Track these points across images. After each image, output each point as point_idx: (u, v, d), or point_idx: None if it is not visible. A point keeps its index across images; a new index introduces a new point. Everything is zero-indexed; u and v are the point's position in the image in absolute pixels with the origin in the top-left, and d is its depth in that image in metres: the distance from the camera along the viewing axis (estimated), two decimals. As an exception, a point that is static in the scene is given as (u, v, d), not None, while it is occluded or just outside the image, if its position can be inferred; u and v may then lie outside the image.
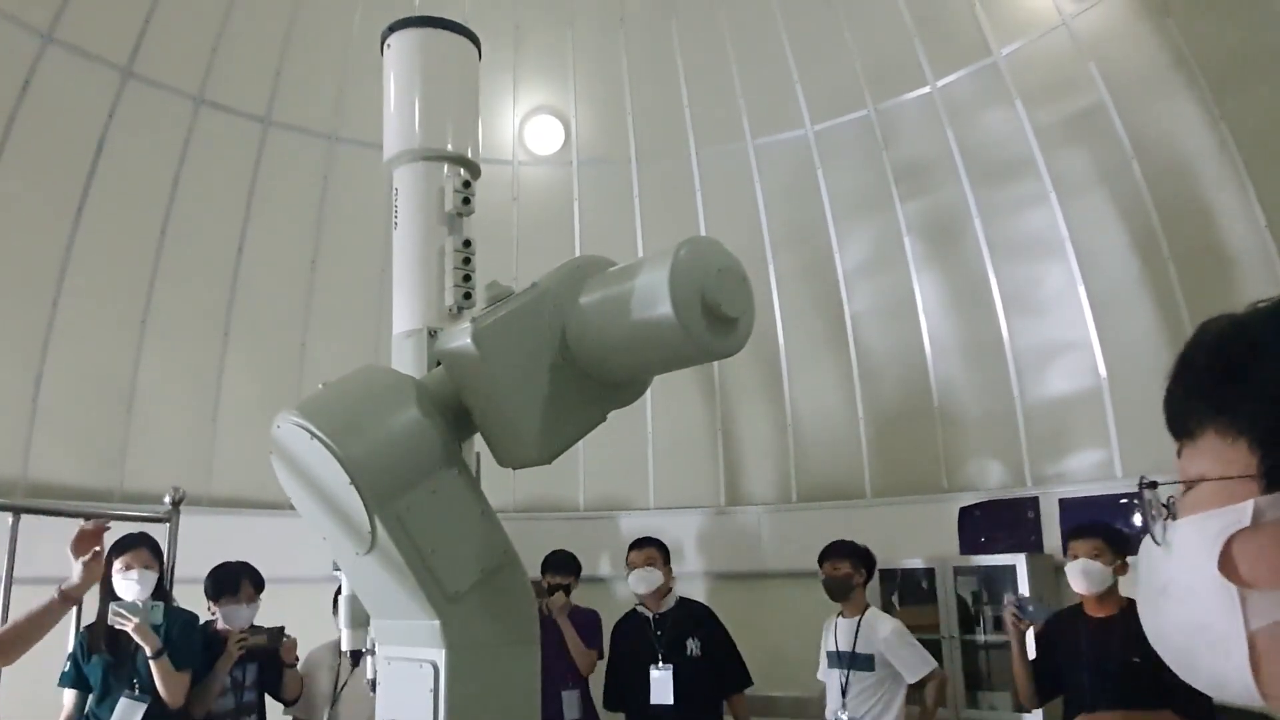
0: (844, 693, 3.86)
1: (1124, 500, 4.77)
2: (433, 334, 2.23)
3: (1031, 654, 3.45)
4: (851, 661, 3.88)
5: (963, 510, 5.21)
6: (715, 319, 1.86)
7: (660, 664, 3.90)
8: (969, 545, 5.10)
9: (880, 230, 5.69)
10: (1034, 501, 5.04)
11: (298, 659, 3.68)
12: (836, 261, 5.79)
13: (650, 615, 4.05)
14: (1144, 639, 2.56)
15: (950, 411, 5.48)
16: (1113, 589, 3.23)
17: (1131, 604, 3.22)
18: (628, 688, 4.03)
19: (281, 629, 3.62)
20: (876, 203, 5.65)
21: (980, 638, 4.70)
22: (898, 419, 5.63)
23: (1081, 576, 3.23)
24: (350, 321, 5.51)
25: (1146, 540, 0.68)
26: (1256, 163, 4.36)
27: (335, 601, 3.78)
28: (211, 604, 3.66)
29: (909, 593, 5.02)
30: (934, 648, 4.20)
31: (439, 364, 2.15)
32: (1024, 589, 4.57)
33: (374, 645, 2.22)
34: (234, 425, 5.30)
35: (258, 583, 3.72)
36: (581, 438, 2.11)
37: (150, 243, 5.16)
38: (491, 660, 1.94)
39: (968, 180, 5.33)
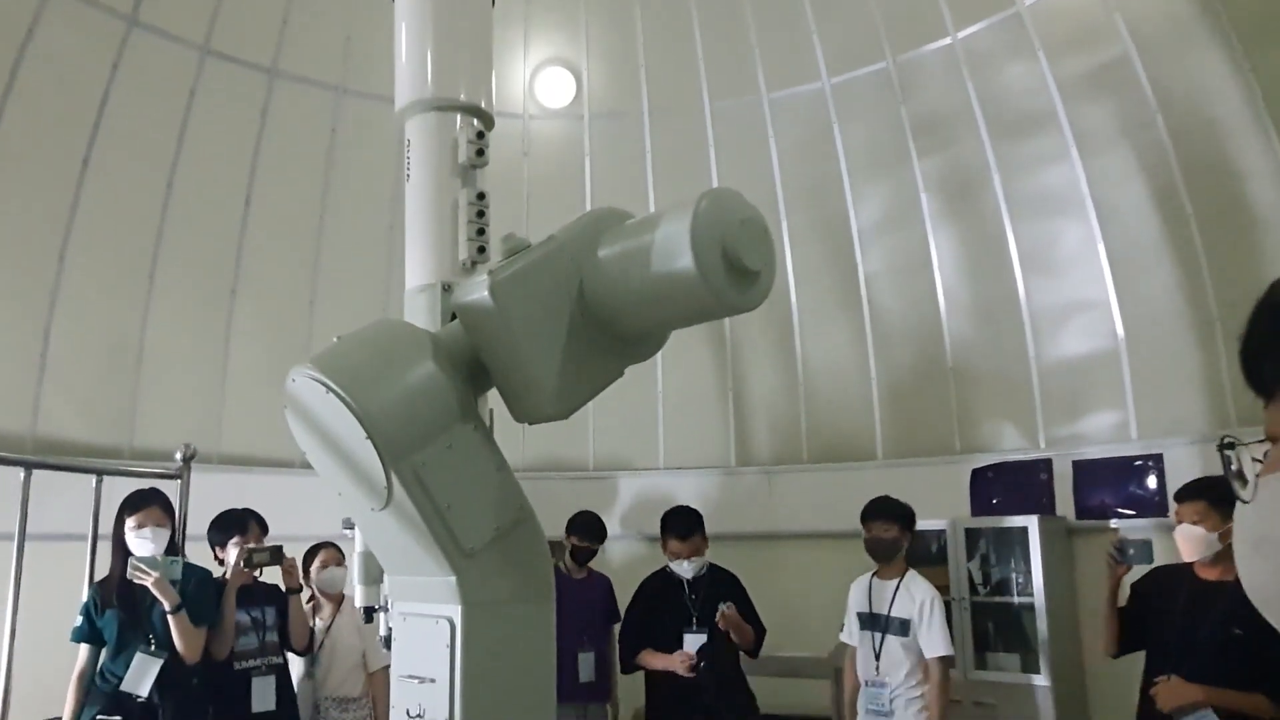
0: (878, 656, 3.72)
1: (1138, 463, 4.73)
2: (447, 288, 2.19)
3: (1124, 600, 3.27)
4: (886, 625, 3.72)
5: (975, 472, 5.18)
6: (736, 272, 1.81)
7: (695, 627, 3.87)
8: (981, 507, 5.08)
9: (896, 187, 5.59)
10: (1047, 463, 5.00)
11: (301, 585, 3.67)
12: (851, 219, 5.70)
13: (685, 579, 4.00)
14: (1253, 612, 2.44)
15: (964, 372, 5.43)
16: (1224, 553, 2.99)
17: None
18: (657, 648, 3.93)
19: (280, 547, 3.57)
20: (893, 159, 5.55)
21: (991, 600, 4.69)
22: (911, 380, 5.58)
23: (1185, 542, 3.04)
24: (359, 278, 5.46)
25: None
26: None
27: (307, 563, 3.81)
28: (218, 549, 3.64)
29: (920, 554, 4.97)
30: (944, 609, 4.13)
31: (454, 318, 2.12)
32: (1035, 552, 4.56)
33: (388, 601, 2.21)
34: (243, 382, 5.28)
35: (264, 526, 3.71)
36: (598, 393, 2.07)
37: (156, 198, 5.10)
38: (508, 617, 1.92)
39: (987, 135, 5.22)
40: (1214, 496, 3.04)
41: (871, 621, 3.79)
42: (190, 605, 3.21)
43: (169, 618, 3.15)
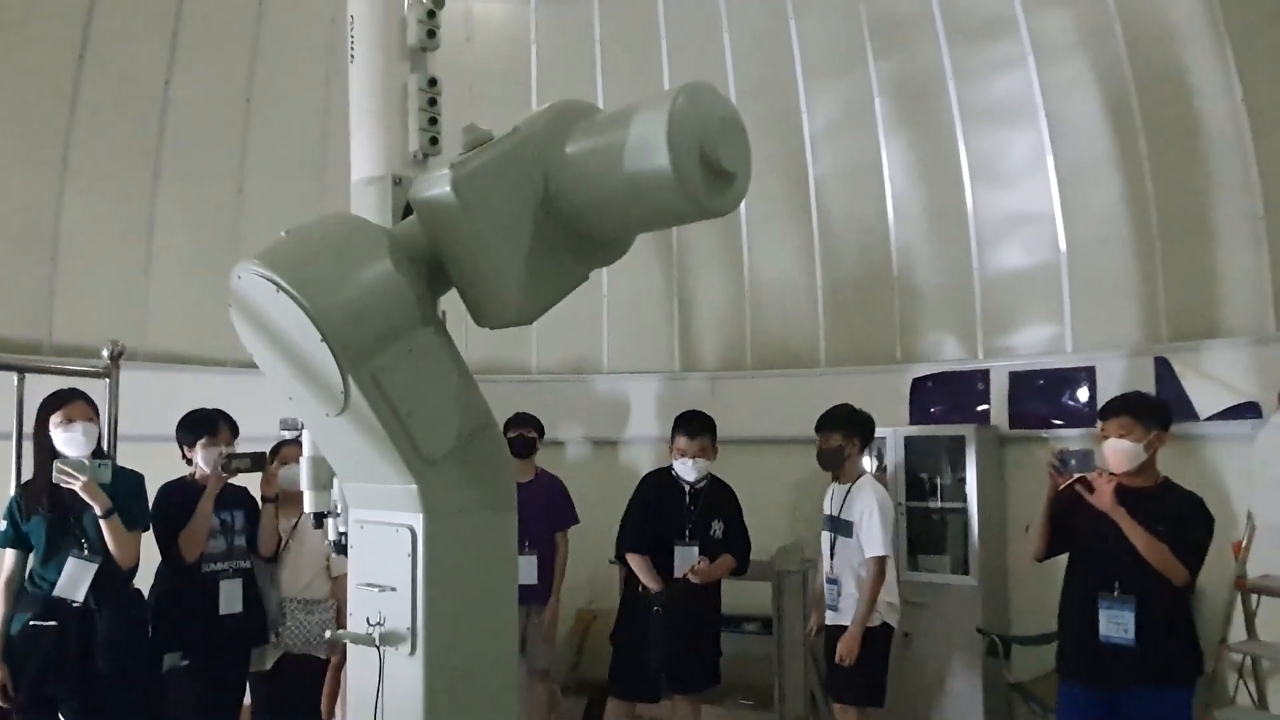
0: (832, 555, 3.97)
1: (1071, 375, 4.86)
2: (397, 181, 2.06)
3: None
4: (835, 526, 3.95)
5: (915, 381, 5.28)
6: (713, 173, 1.74)
7: (688, 539, 3.91)
8: (920, 416, 5.19)
9: (850, 89, 5.48)
10: (985, 374, 5.11)
11: (278, 494, 3.60)
12: (804, 120, 5.59)
13: (686, 484, 4.01)
14: (1173, 516, 2.56)
15: (908, 281, 5.46)
16: (1148, 463, 3.12)
17: (1169, 482, 3.15)
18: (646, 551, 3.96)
19: (263, 454, 3.51)
20: (849, 60, 5.42)
21: (927, 504, 4.84)
22: (856, 288, 5.60)
23: (1113, 455, 3.11)
24: (291, 164, 5.18)
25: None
26: (1239, 29, 4.22)
27: (271, 460, 3.72)
28: (186, 449, 3.53)
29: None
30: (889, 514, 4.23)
31: (407, 214, 2.00)
32: (970, 461, 4.70)
33: (338, 506, 2.15)
34: (169, 274, 5.01)
35: (234, 427, 3.60)
36: (562, 298, 2.00)
37: (68, 69, 4.69)
38: (470, 525, 1.88)
39: (945, 39, 5.12)
40: (1137, 410, 3.14)
41: (830, 523, 4.00)
42: (123, 510, 3.10)
43: (101, 522, 3.03)
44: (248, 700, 3.67)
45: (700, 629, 3.92)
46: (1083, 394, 4.79)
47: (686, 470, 3.97)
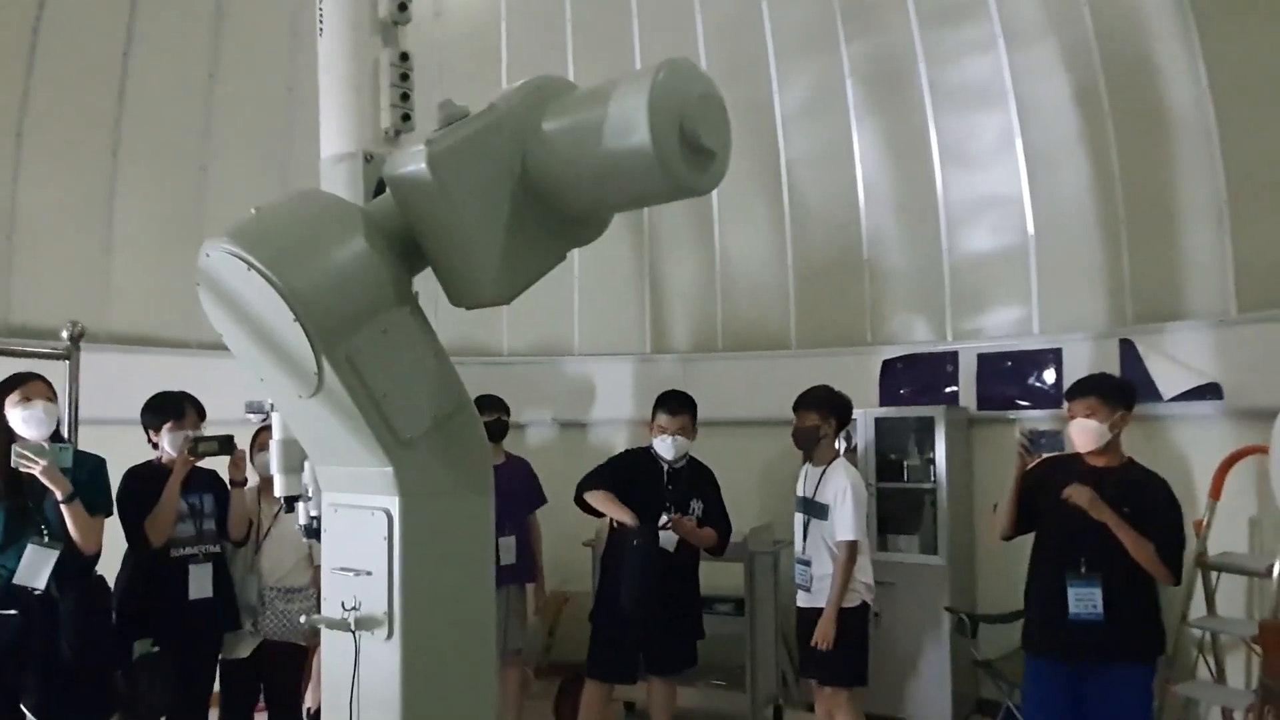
0: (805, 537, 3.95)
1: (1038, 357, 4.92)
2: (369, 158, 2.03)
3: None
4: (811, 509, 3.94)
5: (886, 363, 5.32)
6: (693, 151, 1.72)
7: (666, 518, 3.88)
8: (890, 397, 5.23)
9: (822, 72, 5.48)
10: (953, 356, 5.16)
11: (246, 479, 3.54)
12: (775, 103, 5.58)
13: (665, 466, 3.99)
14: (1138, 496, 2.60)
15: (879, 264, 5.49)
16: (1113, 443, 3.18)
17: (1133, 463, 3.21)
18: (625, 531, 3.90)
19: (231, 437, 3.43)
20: (821, 42, 5.41)
21: (896, 485, 4.88)
22: (826, 270, 5.61)
23: (1079, 434, 3.17)
24: (255, 143, 5.06)
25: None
26: (1205, 16, 4.25)
27: (252, 445, 3.66)
28: (152, 433, 3.45)
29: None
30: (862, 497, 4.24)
31: (379, 192, 1.96)
32: (940, 442, 4.74)
33: (309, 491, 2.12)
34: (130, 254, 4.88)
35: (200, 410, 3.52)
36: (540, 277, 1.97)
37: (22, 39, 4.53)
38: (446, 508, 1.86)
39: (916, 20, 5.13)
40: (1103, 391, 3.19)
41: (803, 505, 3.99)
42: (85, 494, 3.02)
43: (63, 508, 2.95)
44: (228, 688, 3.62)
45: (679, 610, 3.91)
46: (1049, 375, 4.85)
47: (666, 448, 3.95)
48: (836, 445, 4.08)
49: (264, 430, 3.42)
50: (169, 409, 3.44)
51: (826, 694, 3.91)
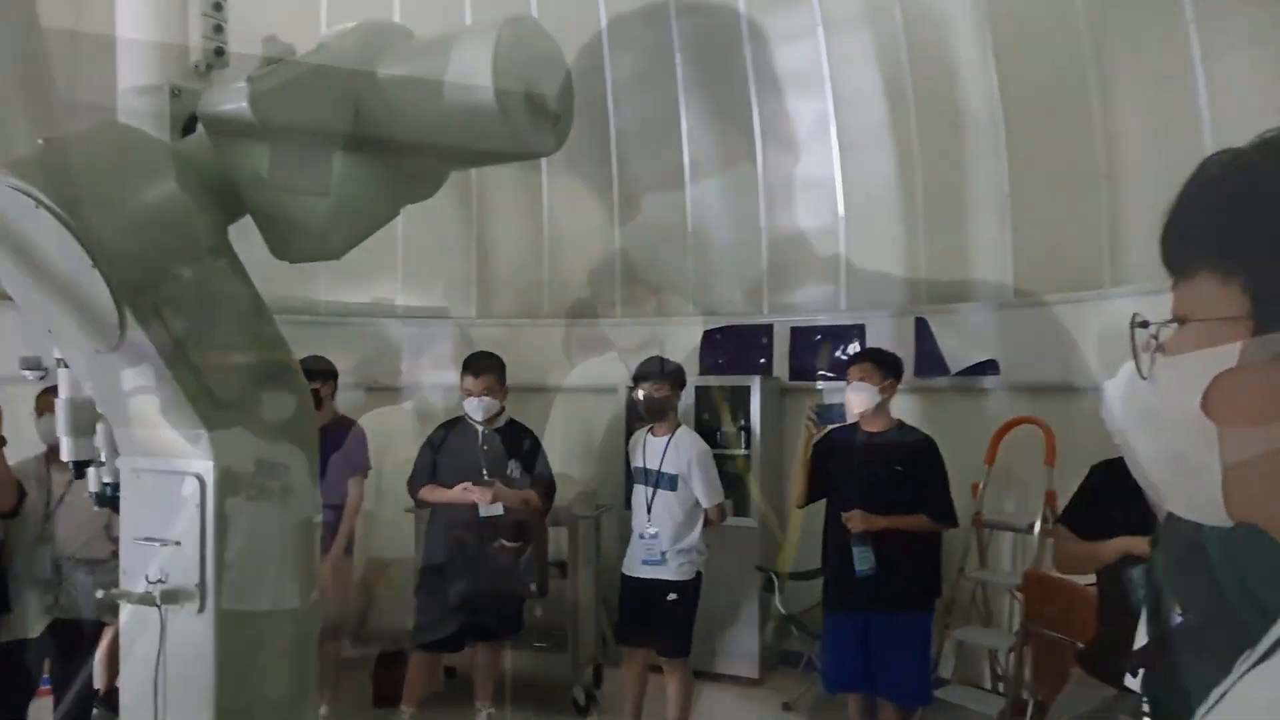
0: (649, 510, 3.93)
1: (843, 332, 5.25)
2: (176, 93, 1.85)
3: None
4: (658, 480, 3.94)
5: (706, 333, 5.49)
6: (537, 112, 1.69)
7: (484, 480, 3.84)
8: (710, 366, 5.41)
9: (654, 43, 5.53)
10: (769, 329, 5.41)
11: (4, 439, 3.16)
12: (606, 68, 5.59)
13: (480, 429, 3.91)
14: (909, 453, 2.92)
15: (703, 237, 5.64)
16: (882, 407, 3.56)
17: (902, 424, 3.62)
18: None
19: None
20: (653, 13, 5.45)
21: (714, 451, 5.05)
22: (652, 240, 5.71)
23: (853, 396, 3.54)
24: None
25: (1126, 370, 0.68)
26: (999, 19, 4.58)
27: (37, 406, 3.29)
28: None
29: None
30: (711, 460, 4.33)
31: (188, 130, 1.80)
32: (755, 410, 4.97)
33: (103, 455, 1.94)
34: None
35: None
36: (371, 233, 1.88)
37: None
38: (266, 473, 1.74)
39: (744, 2, 5.27)
40: (877, 360, 3.60)
41: (645, 476, 4.00)
42: None
43: None
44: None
45: (504, 576, 3.90)
46: (854, 349, 5.18)
47: (474, 409, 3.93)
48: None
49: (48, 392, 3.09)
50: None
51: (678, 666, 3.96)
